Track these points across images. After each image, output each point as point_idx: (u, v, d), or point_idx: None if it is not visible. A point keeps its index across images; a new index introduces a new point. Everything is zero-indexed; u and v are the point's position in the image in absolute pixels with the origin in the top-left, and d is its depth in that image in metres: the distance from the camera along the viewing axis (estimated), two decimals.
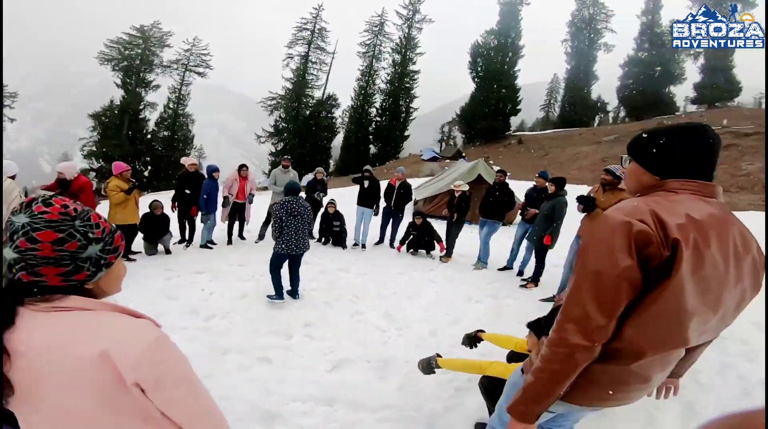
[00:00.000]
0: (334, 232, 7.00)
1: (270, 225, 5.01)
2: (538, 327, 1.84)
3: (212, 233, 6.48)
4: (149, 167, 38.35)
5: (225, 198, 6.47)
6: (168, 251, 5.90)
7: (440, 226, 6.83)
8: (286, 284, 4.37)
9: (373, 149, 45.33)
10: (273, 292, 4.28)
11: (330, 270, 5.60)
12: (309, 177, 7.07)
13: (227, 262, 5.56)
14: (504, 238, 7.14)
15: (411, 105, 44.90)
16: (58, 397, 0.76)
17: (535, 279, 5.23)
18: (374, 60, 44.03)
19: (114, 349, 0.77)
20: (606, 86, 45.41)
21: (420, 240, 6.69)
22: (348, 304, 4.34)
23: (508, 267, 6.01)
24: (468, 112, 41.52)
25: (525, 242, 5.74)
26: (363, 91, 44.72)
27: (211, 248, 6.32)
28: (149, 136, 39.57)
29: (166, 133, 40.48)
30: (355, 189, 7.43)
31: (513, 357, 2.29)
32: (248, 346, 3.19)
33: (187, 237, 6.32)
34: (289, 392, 2.52)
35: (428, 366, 2.29)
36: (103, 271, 0.86)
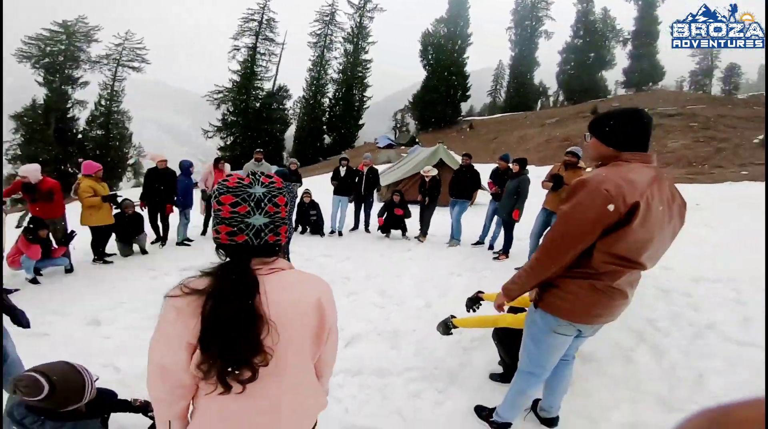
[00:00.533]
0: (312, 222, 7.06)
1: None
2: None
3: (187, 230, 6.33)
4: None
5: (203, 191, 6.36)
6: (144, 251, 5.67)
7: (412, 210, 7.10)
8: None
9: (327, 139, 45.06)
10: None
11: (314, 257, 5.69)
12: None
13: (211, 258, 5.47)
14: (470, 217, 7.55)
15: (364, 94, 44.98)
16: (295, 336, 0.95)
17: (505, 251, 5.65)
18: (326, 50, 43.53)
19: (323, 297, 0.98)
20: (547, 72, 48.00)
21: (398, 219, 6.88)
22: (341, 287, 4.49)
23: (480, 242, 6.41)
24: (420, 100, 42.36)
25: (495, 218, 6.17)
26: (315, 82, 44.11)
27: (188, 245, 6.16)
28: (80, 136, 36.73)
29: (99, 132, 37.94)
30: (322, 178, 7.51)
31: (514, 310, 2.59)
32: None
33: (161, 235, 6.11)
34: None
35: (446, 327, 2.52)
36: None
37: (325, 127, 44.91)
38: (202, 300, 0.86)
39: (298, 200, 7.19)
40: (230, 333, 0.84)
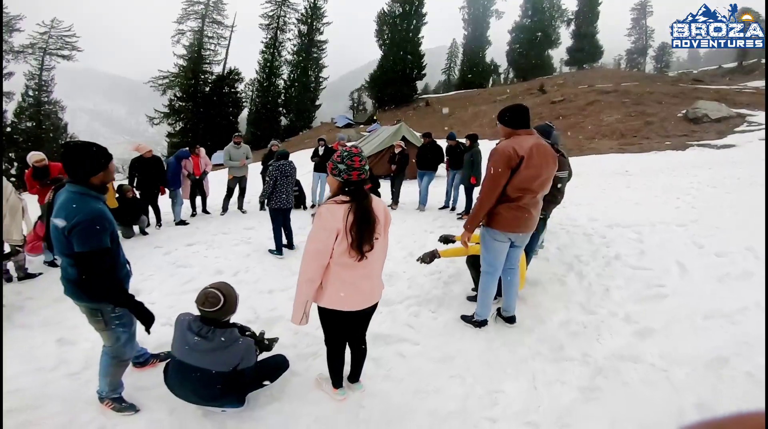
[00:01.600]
0: (295, 196, 7.72)
1: (263, 189, 5.50)
2: None
3: (182, 210, 6.80)
4: (15, 164, 33.18)
5: (189, 174, 6.80)
6: (144, 232, 6.10)
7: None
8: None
9: (284, 121, 44.46)
10: (272, 248, 5.06)
11: (305, 226, 6.33)
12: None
13: (210, 233, 6.02)
14: (432, 187, 8.49)
15: (320, 75, 44.41)
16: (381, 230, 1.86)
17: (467, 211, 6.73)
18: (279, 32, 42.23)
19: (385, 208, 1.89)
20: (498, 50, 49.52)
21: (372, 190, 7.76)
22: None
23: (445, 206, 7.43)
24: (377, 79, 42.44)
25: (455, 184, 7.21)
26: (269, 64, 42.95)
27: (186, 224, 6.64)
28: (9, 129, 34.18)
29: (30, 124, 35.55)
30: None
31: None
32: (286, 285, 3.97)
33: (155, 218, 6.53)
34: None
35: (432, 256, 3.37)
36: None
37: (281, 108, 44.21)
38: (345, 207, 1.76)
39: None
40: (365, 222, 1.74)
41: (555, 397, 2.03)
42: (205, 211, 7.43)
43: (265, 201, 5.06)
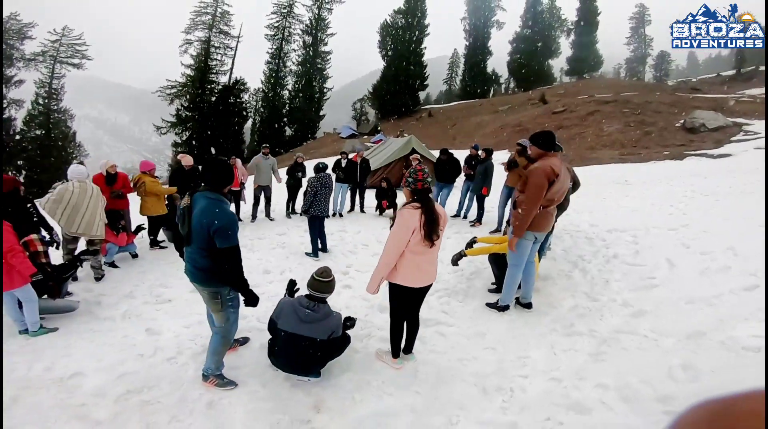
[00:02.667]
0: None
1: (302, 197, 5.98)
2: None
3: None
4: (23, 172, 33.83)
5: None
6: None
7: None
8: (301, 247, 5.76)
9: (289, 131, 45.04)
10: (309, 251, 5.67)
11: (331, 232, 6.85)
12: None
13: (247, 238, 6.59)
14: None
15: (324, 85, 45.11)
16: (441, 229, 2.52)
17: (479, 219, 7.31)
18: (284, 42, 43.11)
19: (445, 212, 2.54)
20: (499, 60, 50.40)
21: (390, 200, 8.31)
22: (364, 250, 5.87)
23: (457, 214, 7.99)
24: (380, 89, 43.28)
25: (468, 194, 7.77)
26: (274, 74, 43.76)
27: None
28: (18, 137, 34.84)
29: (39, 133, 36.11)
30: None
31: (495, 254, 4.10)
32: None
33: None
34: (376, 301, 4.05)
35: (459, 256, 3.97)
36: None
37: (285, 119, 44.88)
38: (420, 210, 2.38)
39: (302, 189, 8.34)
40: (433, 221, 2.37)
41: (570, 360, 2.61)
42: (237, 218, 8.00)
43: (308, 208, 5.61)
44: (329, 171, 6.13)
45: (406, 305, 2.72)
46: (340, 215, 8.40)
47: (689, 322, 2.77)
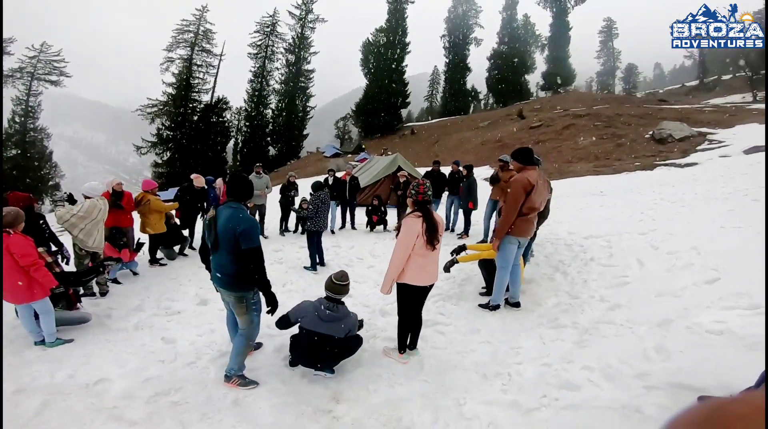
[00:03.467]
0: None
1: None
2: None
3: None
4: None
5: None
6: (184, 254, 6.84)
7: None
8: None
9: (272, 151, 44.91)
10: (307, 265, 5.92)
11: (326, 247, 7.03)
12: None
13: None
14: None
15: (308, 104, 45.49)
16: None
17: (466, 232, 7.70)
18: (267, 61, 43.51)
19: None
20: (478, 76, 51.99)
21: (381, 216, 8.67)
22: (360, 263, 6.16)
23: (446, 229, 8.36)
24: (363, 107, 43.87)
25: (453, 208, 8.17)
26: (257, 93, 43.92)
27: None
28: None
29: (15, 152, 35.26)
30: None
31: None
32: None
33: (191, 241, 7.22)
34: (377, 307, 4.33)
35: (452, 263, 4.30)
36: None
37: (269, 138, 44.91)
38: (421, 218, 2.75)
39: (296, 206, 8.60)
40: (433, 228, 2.75)
41: (558, 347, 2.97)
42: None
43: (306, 224, 5.92)
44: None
45: (412, 303, 3.05)
46: (332, 232, 8.66)
47: (659, 312, 3.16)
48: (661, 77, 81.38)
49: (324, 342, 2.87)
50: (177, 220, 6.89)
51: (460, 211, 7.95)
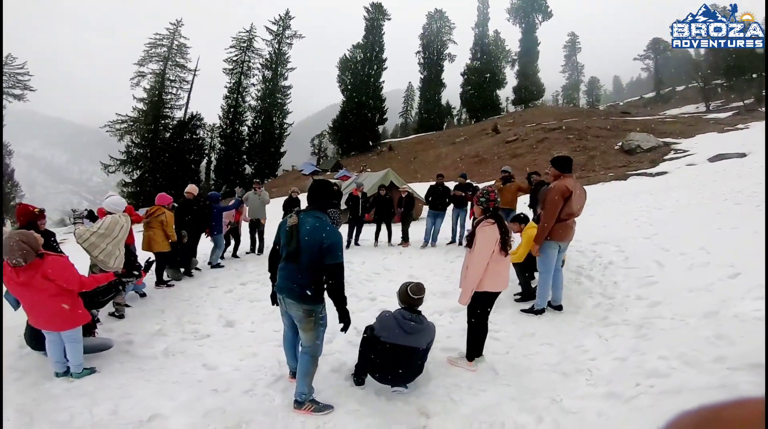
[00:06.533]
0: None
1: None
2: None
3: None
4: None
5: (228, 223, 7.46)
6: (190, 274, 6.57)
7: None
8: None
9: (248, 169, 44.33)
10: None
11: None
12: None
13: (255, 273, 6.59)
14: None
15: (285, 121, 45.38)
16: None
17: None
18: (243, 76, 43.33)
19: None
20: (452, 92, 53.57)
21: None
22: (378, 278, 6.15)
23: (453, 241, 8.48)
24: (340, 124, 44.24)
25: (458, 220, 8.29)
26: (232, 109, 43.46)
27: (222, 266, 7.16)
28: None
29: None
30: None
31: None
32: (353, 308, 4.77)
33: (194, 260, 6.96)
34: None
35: None
36: None
37: (245, 156, 44.23)
38: (496, 224, 2.85)
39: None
40: (506, 233, 2.89)
41: (622, 342, 3.09)
42: (235, 255, 7.90)
43: None
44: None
45: (486, 310, 3.12)
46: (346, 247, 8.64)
47: (699, 305, 3.36)
48: (620, 90, 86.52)
49: (408, 355, 2.83)
50: (185, 239, 6.65)
51: (469, 223, 8.04)
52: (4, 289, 3.71)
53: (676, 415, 0.38)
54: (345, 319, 2.72)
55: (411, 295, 2.96)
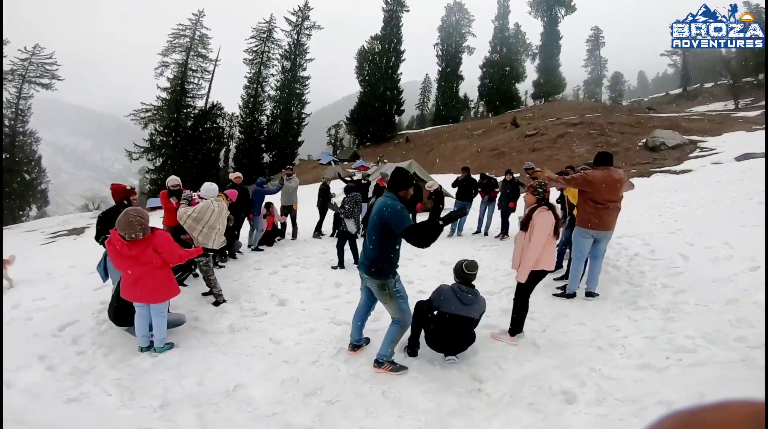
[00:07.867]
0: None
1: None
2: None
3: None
4: None
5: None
6: (234, 256, 6.99)
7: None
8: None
9: (267, 158, 44.99)
10: (335, 264, 6.29)
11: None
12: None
13: (294, 256, 7.03)
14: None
15: (303, 111, 45.70)
16: None
17: (505, 232, 8.12)
18: (262, 67, 43.69)
19: None
20: (470, 84, 52.99)
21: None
22: (410, 263, 6.41)
23: (478, 231, 8.81)
24: (357, 115, 44.40)
25: (487, 211, 8.62)
26: (252, 99, 44.01)
27: (262, 250, 7.64)
28: None
29: (4, 155, 34.59)
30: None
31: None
32: None
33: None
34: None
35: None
36: None
37: (263, 145, 44.85)
38: (551, 211, 3.25)
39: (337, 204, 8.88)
40: (557, 218, 3.31)
41: (651, 324, 3.44)
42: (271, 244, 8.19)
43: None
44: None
45: (533, 288, 3.49)
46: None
47: (722, 293, 3.68)
48: (645, 86, 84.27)
49: (465, 324, 3.21)
50: (231, 223, 7.12)
51: (498, 213, 8.34)
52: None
53: (660, 418, 0.38)
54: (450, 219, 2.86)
55: (465, 271, 3.34)
